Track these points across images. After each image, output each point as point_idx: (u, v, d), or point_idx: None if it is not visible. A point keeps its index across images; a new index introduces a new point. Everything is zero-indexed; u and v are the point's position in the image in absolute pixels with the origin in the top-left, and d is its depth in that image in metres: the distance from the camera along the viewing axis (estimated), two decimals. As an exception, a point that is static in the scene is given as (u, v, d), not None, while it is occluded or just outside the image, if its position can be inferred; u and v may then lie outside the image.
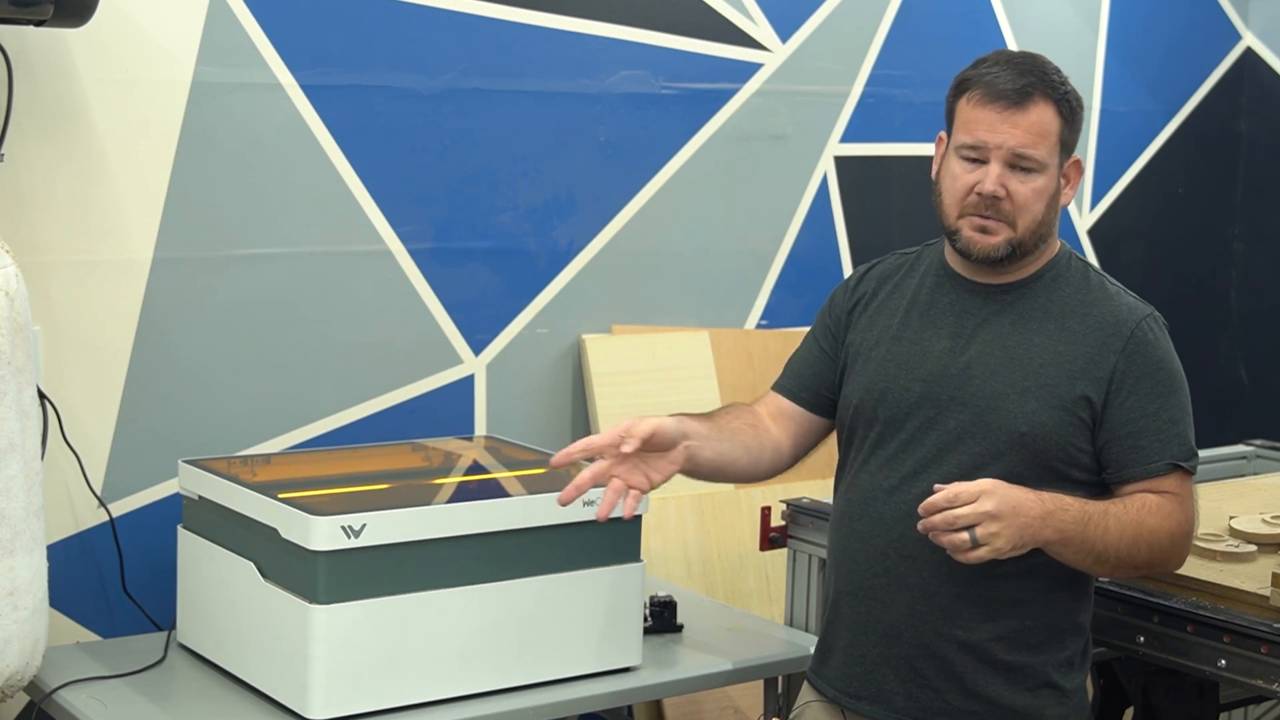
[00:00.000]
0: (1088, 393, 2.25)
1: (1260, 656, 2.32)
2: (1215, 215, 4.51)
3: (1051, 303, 2.32)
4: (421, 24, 3.10)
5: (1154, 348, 2.29)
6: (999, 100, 2.24)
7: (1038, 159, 2.24)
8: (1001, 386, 2.26)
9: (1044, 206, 2.27)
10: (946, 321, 2.34)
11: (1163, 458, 2.25)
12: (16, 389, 2.31)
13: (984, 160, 2.25)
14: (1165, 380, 2.28)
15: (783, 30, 3.59)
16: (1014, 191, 2.24)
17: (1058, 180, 2.29)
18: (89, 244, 2.78)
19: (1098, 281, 2.36)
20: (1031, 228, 2.27)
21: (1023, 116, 2.23)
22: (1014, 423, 2.24)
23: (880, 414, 2.34)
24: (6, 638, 2.31)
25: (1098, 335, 2.28)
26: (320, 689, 2.38)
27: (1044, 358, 2.27)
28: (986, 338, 2.31)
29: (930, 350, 2.33)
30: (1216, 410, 4.52)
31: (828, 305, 2.52)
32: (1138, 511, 2.21)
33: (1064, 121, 2.26)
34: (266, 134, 2.95)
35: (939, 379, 2.30)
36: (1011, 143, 2.23)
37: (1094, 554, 2.18)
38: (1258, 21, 4.47)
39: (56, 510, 2.74)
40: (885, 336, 2.38)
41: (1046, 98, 2.24)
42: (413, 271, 3.14)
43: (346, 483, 2.71)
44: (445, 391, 3.20)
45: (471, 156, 3.20)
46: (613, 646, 2.63)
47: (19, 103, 2.68)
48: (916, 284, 2.41)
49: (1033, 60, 2.29)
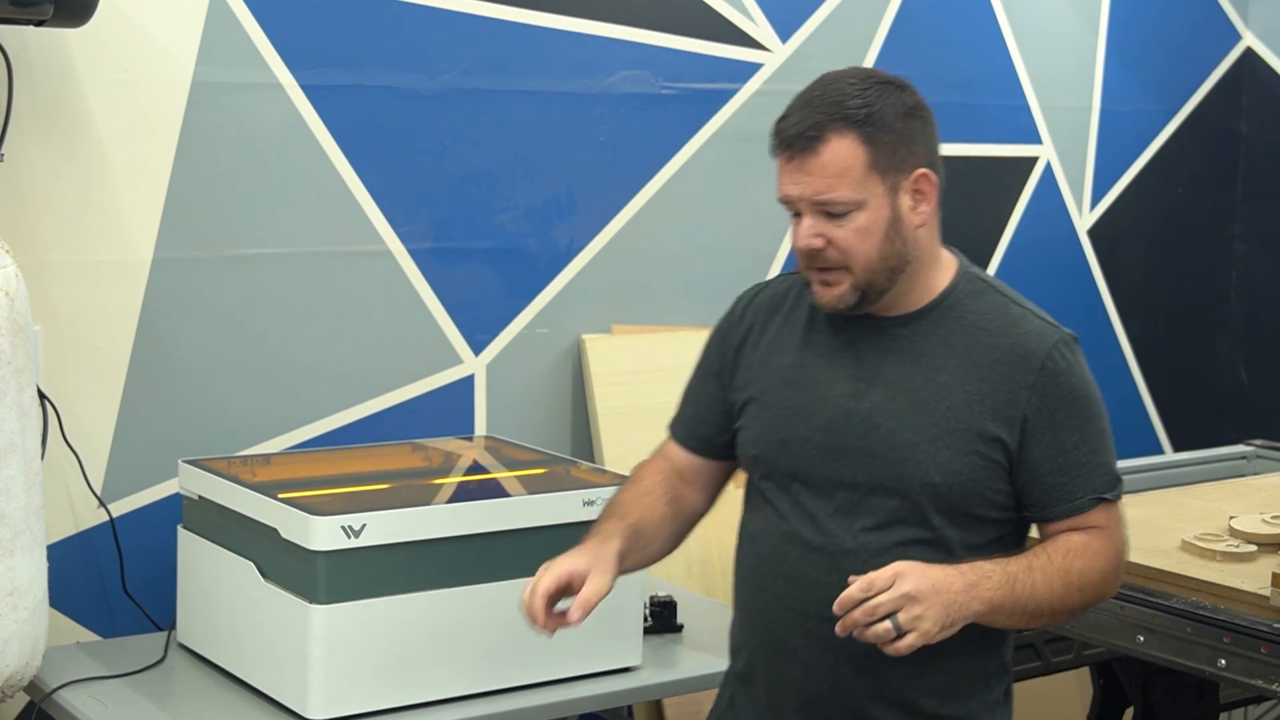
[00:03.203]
0: (1000, 434, 2.08)
1: (1260, 656, 2.33)
2: (1215, 215, 4.51)
3: (954, 335, 2.13)
4: (421, 24, 3.10)
5: (1067, 376, 2.11)
6: (788, 149, 2.08)
7: (842, 200, 2.05)
8: (910, 435, 2.08)
9: (876, 243, 2.06)
10: (844, 361, 2.15)
11: (1087, 493, 2.12)
12: (16, 389, 2.31)
13: (800, 212, 2.09)
14: (1081, 409, 2.12)
15: (783, 30, 3.59)
16: (834, 237, 2.06)
17: (890, 208, 2.07)
18: (89, 244, 2.78)
19: (1001, 305, 2.16)
20: (871, 267, 2.07)
21: (814, 160, 2.05)
22: (926, 474, 2.07)
23: (782, 466, 2.16)
24: (6, 638, 2.31)
25: (1006, 370, 2.10)
26: (320, 689, 2.38)
27: (951, 399, 2.09)
28: (889, 380, 2.12)
29: (830, 395, 2.14)
30: (1216, 410, 4.52)
31: (714, 340, 2.31)
32: (1063, 558, 2.09)
33: (870, 146, 2.05)
34: (266, 134, 2.95)
35: (842, 428, 2.12)
36: (808, 192, 2.06)
37: (1027, 613, 2.07)
38: (1258, 21, 4.47)
39: (56, 510, 2.74)
40: (779, 379, 2.19)
41: (841, 131, 2.04)
42: (413, 271, 3.14)
43: (346, 483, 2.71)
44: (445, 391, 3.20)
45: (471, 156, 3.20)
46: (613, 646, 2.63)
47: (19, 103, 2.68)
48: (807, 318, 2.21)
49: (826, 90, 2.09)
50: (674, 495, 2.28)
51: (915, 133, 2.12)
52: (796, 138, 2.07)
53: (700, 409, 2.30)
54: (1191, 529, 2.77)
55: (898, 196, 2.09)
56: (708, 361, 2.31)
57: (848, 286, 2.09)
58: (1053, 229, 4.16)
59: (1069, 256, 4.21)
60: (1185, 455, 3.62)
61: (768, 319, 2.25)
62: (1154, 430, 4.44)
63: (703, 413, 2.29)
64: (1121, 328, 4.34)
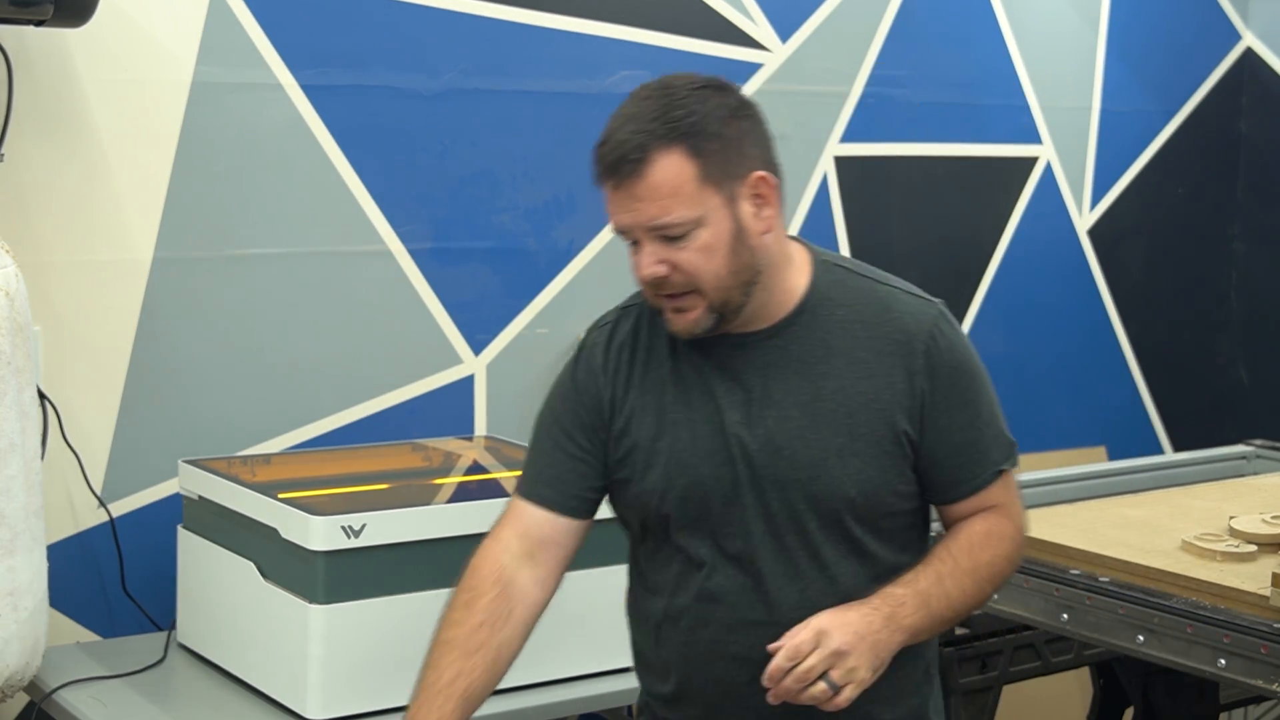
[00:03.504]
0: (903, 427, 2.00)
1: (1260, 656, 2.33)
2: (1215, 215, 4.51)
3: (830, 335, 2.02)
4: (421, 24, 3.10)
5: (951, 353, 2.03)
6: (613, 175, 1.91)
7: (679, 221, 1.90)
8: (815, 453, 1.98)
9: (723, 259, 1.92)
10: (725, 388, 2.01)
11: (985, 469, 2.06)
12: (16, 389, 2.31)
13: (636, 240, 1.94)
14: (969, 383, 2.05)
15: (783, 30, 3.59)
16: (677, 261, 1.91)
17: (732, 219, 1.92)
18: (89, 244, 2.78)
19: (868, 290, 2.06)
20: (725, 284, 1.94)
21: (640, 184, 1.89)
22: (841, 488, 1.98)
23: (688, 513, 2.01)
24: (6, 638, 2.31)
25: (892, 359, 2.01)
26: (319, 689, 2.38)
27: (848, 404, 1.99)
28: (777, 398, 2.00)
29: (721, 427, 2.00)
30: (1216, 410, 4.53)
31: (570, 397, 2.10)
32: (969, 556, 2.04)
33: (699, 157, 1.89)
34: (266, 134, 2.95)
35: (743, 460, 1.99)
36: (642, 219, 1.90)
37: (946, 621, 2.04)
38: (1258, 21, 4.47)
39: (56, 510, 2.74)
40: (662, 421, 2.03)
41: (664, 146, 1.88)
42: (413, 271, 3.14)
43: (346, 483, 2.71)
44: (445, 391, 3.20)
45: (471, 156, 3.20)
46: (613, 646, 2.62)
47: (19, 103, 2.68)
48: (669, 349, 2.05)
49: (642, 106, 1.93)
50: (510, 613, 2.03)
51: (745, 135, 1.95)
52: (619, 163, 1.90)
53: (568, 467, 2.07)
54: (1191, 529, 2.77)
55: (737, 206, 1.93)
56: (568, 415, 2.09)
57: (702, 310, 1.95)
58: (1053, 229, 4.16)
59: (1069, 256, 4.21)
60: (1185, 455, 3.62)
61: (631, 358, 2.08)
62: (1154, 430, 4.44)
63: (572, 469, 2.07)
64: (1121, 328, 4.34)
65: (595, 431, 2.08)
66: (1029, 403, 4.12)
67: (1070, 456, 4.16)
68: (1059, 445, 4.18)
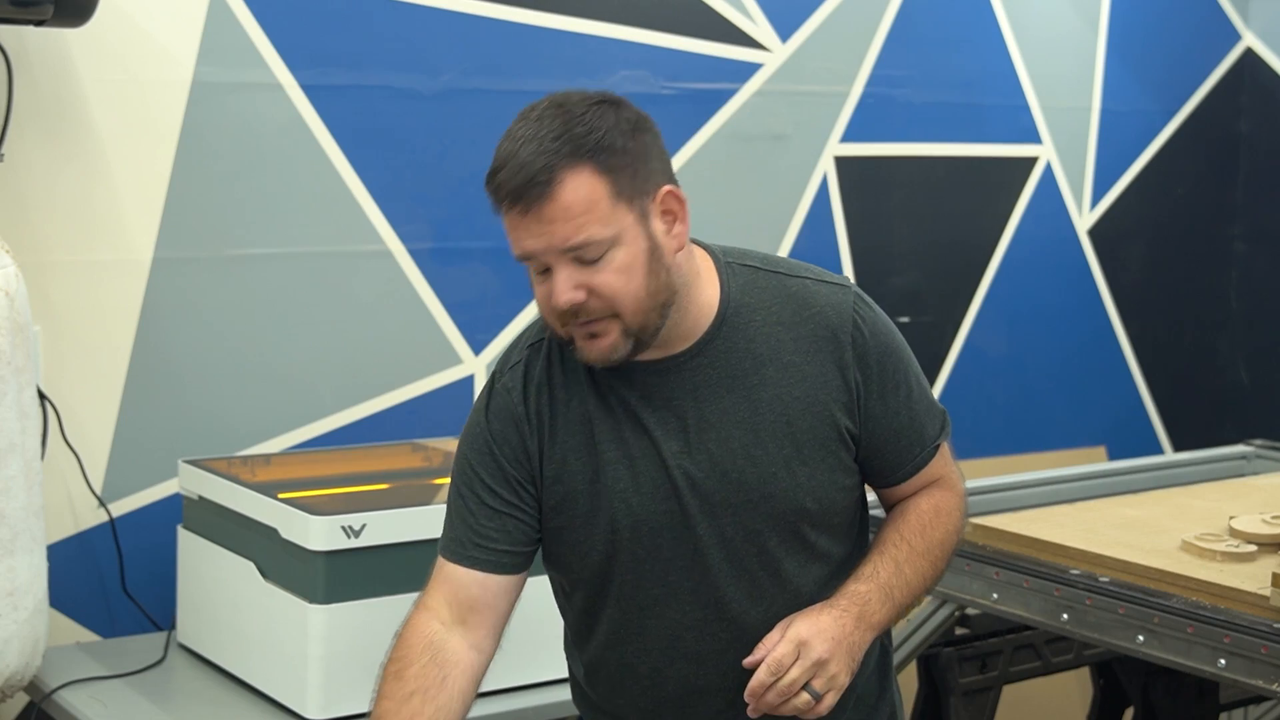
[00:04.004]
0: (843, 423, 1.96)
1: (1260, 656, 2.32)
2: (1215, 215, 4.51)
3: (753, 343, 1.94)
4: (421, 24, 3.10)
5: (875, 336, 1.98)
6: (519, 200, 1.80)
7: (596, 240, 1.81)
8: (763, 469, 1.92)
9: (641, 279, 1.84)
10: (656, 419, 1.92)
11: (925, 445, 2.03)
12: (16, 389, 2.31)
13: (547, 267, 1.85)
14: (897, 363, 2.00)
15: (783, 30, 3.59)
16: (595, 285, 1.82)
17: (646, 237, 1.85)
18: (89, 244, 2.78)
19: (778, 285, 1.99)
20: (642, 307, 1.85)
21: (551, 206, 1.79)
22: (795, 499, 1.93)
23: (637, 554, 1.93)
24: (6, 638, 2.31)
25: (820, 355, 1.95)
26: (319, 689, 2.38)
27: (786, 412, 1.93)
28: (712, 420, 1.92)
29: (659, 460, 1.91)
30: (1216, 410, 4.53)
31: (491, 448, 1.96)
32: (922, 538, 2.02)
33: (609, 174, 1.81)
34: (266, 134, 2.95)
35: (691, 489, 1.91)
36: (556, 242, 1.81)
37: (908, 608, 2.02)
38: (1258, 21, 4.47)
39: (56, 510, 2.74)
40: (593, 462, 1.93)
41: (571, 164, 1.79)
42: (413, 271, 3.14)
43: (346, 483, 2.71)
44: (445, 391, 3.20)
45: (471, 156, 3.19)
46: (613, 646, 2.63)
47: (19, 103, 2.68)
48: (586, 382, 1.95)
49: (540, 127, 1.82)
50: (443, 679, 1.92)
51: (648, 149, 1.87)
52: (525, 186, 1.79)
53: (494, 524, 1.95)
54: (1191, 529, 2.76)
55: (650, 223, 1.86)
56: (489, 468, 1.96)
57: (618, 334, 1.85)
58: (1053, 229, 4.16)
59: (1069, 256, 4.21)
60: (1185, 455, 3.62)
61: (550, 399, 1.96)
62: (1154, 430, 4.44)
63: (498, 526, 1.95)
64: (1121, 328, 4.34)
65: (520, 484, 1.96)
66: (1029, 403, 4.12)
67: (1070, 456, 4.16)
68: (1059, 445, 4.18)
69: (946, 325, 3.97)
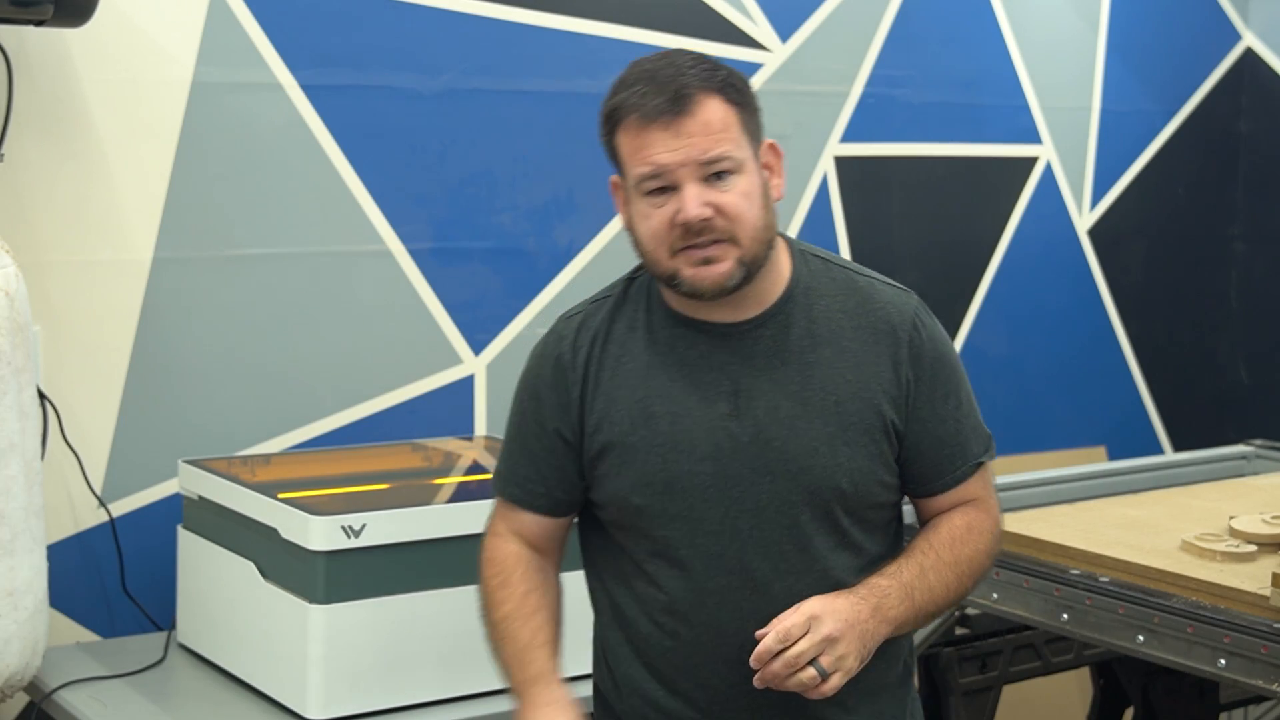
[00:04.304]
0: (890, 415, 2.00)
1: (1260, 656, 2.33)
2: (1215, 215, 4.51)
3: (814, 324, 2.00)
4: (421, 24, 3.10)
5: (932, 343, 2.04)
6: (661, 114, 1.89)
7: (730, 157, 1.90)
8: (806, 442, 1.96)
9: (760, 208, 1.93)
10: (707, 380, 1.98)
11: (967, 460, 2.06)
12: (16, 389, 2.31)
13: (673, 186, 1.90)
14: (950, 374, 2.05)
15: (783, 30, 3.59)
16: (721, 204, 1.89)
17: (759, 174, 1.95)
18: (89, 244, 2.78)
19: (846, 280, 2.05)
20: (757, 236, 1.93)
21: (692, 121, 1.89)
22: (832, 478, 1.96)
23: (671, 509, 1.97)
24: (6, 638, 2.31)
25: (878, 347, 2.01)
26: (319, 689, 2.38)
27: (836, 392, 1.97)
28: (764, 388, 1.97)
29: (706, 420, 1.96)
30: (1216, 410, 4.53)
31: (540, 391, 2.06)
32: (951, 550, 2.03)
33: (737, 107, 1.93)
34: (266, 134, 2.95)
35: (731, 452, 1.96)
36: (695, 154, 1.89)
37: (928, 615, 2.03)
38: (1258, 21, 4.47)
39: (56, 510, 2.74)
40: (638, 415, 1.99)
41: (708, 90, 1.90)
42: (413, 271, 3.14)
43: (346, 483, 2.71)
44: (445, 391, 3.20)
45: (471, 156, 3.20)
46: (613, 646, 2.63)
47: (19, 103, 2.68)
48: (645, 339, 2.02)
49: (672, 59, 1.94)
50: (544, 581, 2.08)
51: (755, 102, 1.99)
52: (669, 101, 1.88)
53: (544, 467, 2.06)
54: (1191, 529, 2.77)
55: (759, 165, 1.96)
56: (540, 414, 2.06)
57: (733, 261, 1.92)
58: (1053, 229, 4.16)
59: (1069, 256, 4.21)
60: (1185, 455, 3.62)
61: (603, 351, 2.03)
62: (1154, 430, 4.44)
63: (551, 470, 2.05)
64: (1121, 328, 4.34)
65: (559, 434, 2.04)
66: (1029, 403, 4.12)
67: (1070, 456, 4.16)
68: (1059, 445, 4.18)
69: (946, 325, 3.89)
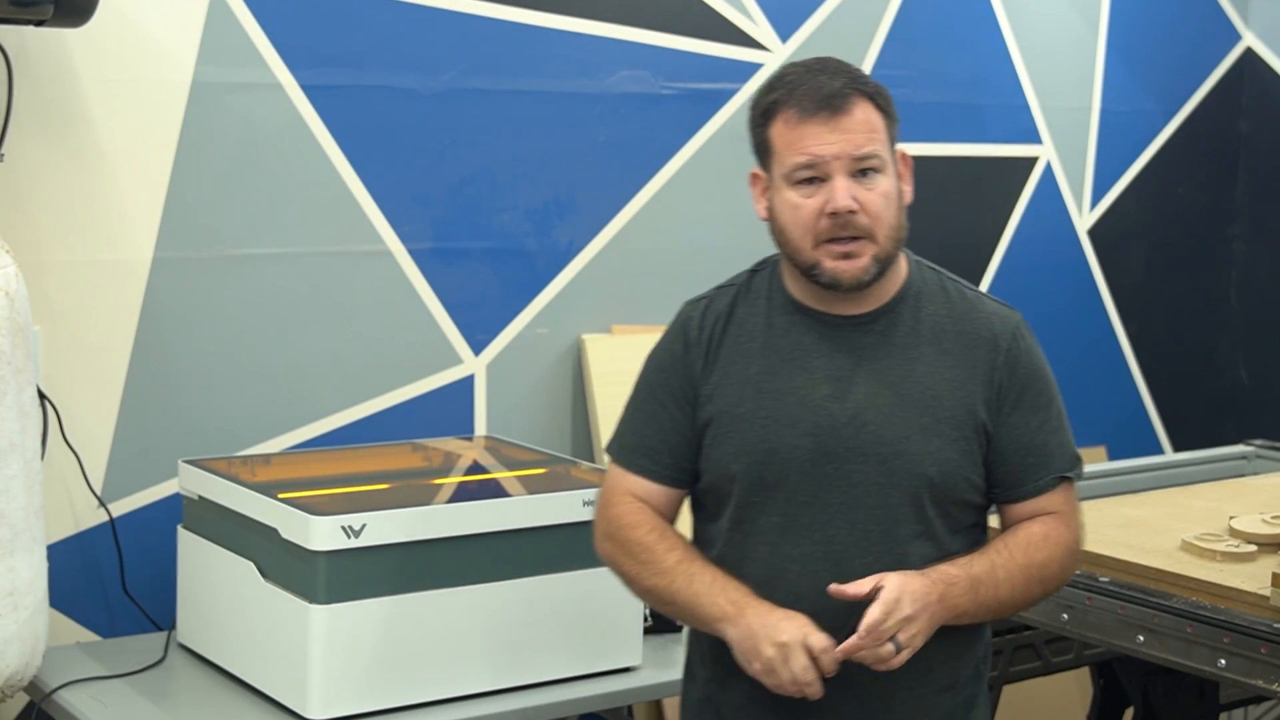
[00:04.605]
0: (982, 417, 2.12)
1: (1260, 656, 2.33)
2: (1215, 215, 4.51)
3: (920, 324, 2.15)
4: (421, 24, 3.10)
5: (1030, 356, 2.17)
6: (821, 110, 2.07)
7: (879, 156, 2.07)
8: (900, 429, 2.09)
9: (895, 211, 2.10)
10: (817, 364, 2.13)
11: (1049, 473, 2.15)
12: (16, 389, 2.31)
13: (823, 177, 2.06)
14: (1043, 389, 2.18)
15: (783, 30, 3.59)
16: (865, 201, 2.06)
17: (895, 179, 2.12)
18: (89, 244, 2.78)
19: (956, 290, 2.20)
20: (892, 236, 2.10)
21: (848, 119, 2.06)
22: (922, 466, 2.09)
23: (768, 478, 2.10)
24: (6, 638, 2.31)
25: (976, 353, 2.14)
26: (320, 689, 2.38)
27: (934, 388, 2.11)
28: (867, 376, 2.12)
29: (809, 399, 2.10)
30: (1216, 410, 4.52)
31: (665, 364, 2.21)
32: (1024, 553, 2.12)
33: (883, 115, 2.11)
34: (266, 134, 2.95)
35: (829, 431, 2.09)
36: (849, 149, 2.05)
37: (989, 612, 2.11)
38: (1258, 21, 4.47)
39: (56, 510, 2.74)
40: (748, 390, 2.14)
41: (862, 95, 2.09)
42: (413, 271, 3.14)
43: (346, 483, 2.71)
44: (445, 391, 3.20)
45: (471, 156, 3.20)
46: (613, 646, 2.63)
47: (19, 103, 2.68)
48: (764, 324, 2.18)
49: (833, 63, 2.13)
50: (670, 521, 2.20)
51: (896, 115, 2.15)
52: (832, 98, 2.07)
53: (665, 439, 2.18)
54: (1191, 529, 2.77)
55: (896, 170, 2.12)
56: (665, 386, 2.19)
57: (869, 258, 2.08)
58: (1053, 229, 4.16)
59: (1069, 256, 4.21)
60: (1185, 455, 3.62)
61: (722, 331, 2.18)
62: (1154, 430, 4.44)
63: (670, 442, 2.18)
64: (1121, 328, 4.34)
65: (686, 398, 2.17)
66: (1029, 403, 4.12)
67: (1070, 456, 4.15)
68: (1059, 445, 4.17)
69: (946, 325, 3.96)
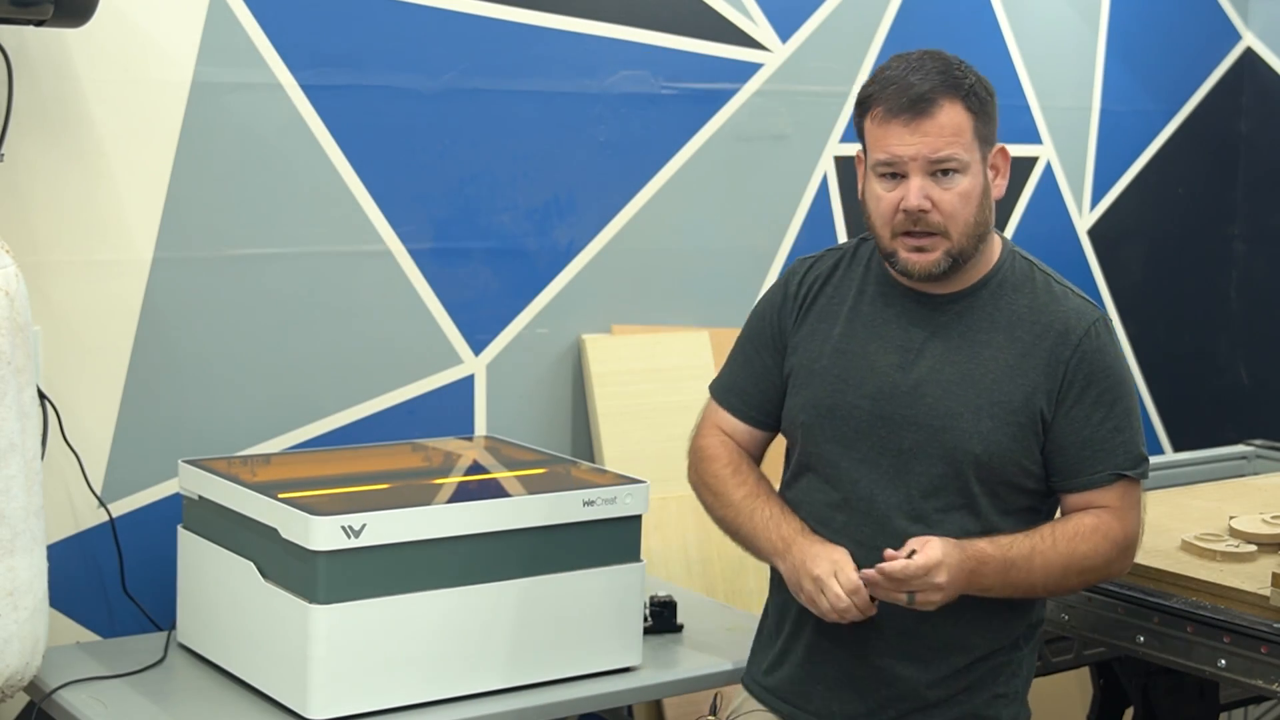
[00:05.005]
0: (1040, 406, 2.21)
1: (1260, 656, 2.33)
2: (1215, 215, 4.51)
3: (998, 311, 2.26)
4: (421, 24, 3.10)
5: (1102, 354, 2.24)
6: (904, 112, 2.16)
7: (957, 159, 2.17)
8: (955, 405, 2.21)
9: (974, 209, 2.20)
10: (892, 334, 2.28)
11: (1105, 468, 2.21)
12: (16, 389, 2.31)
13: (902, 175, 2.18)
14: (1112, 387, 2.23)
15: (783, 30, 3.59)
16: (939, 200, 2.17)
17: (984, 176, 2.22)
18: (89, 244, 2.78)
19: (1044, 282, 2.30)
20: (967, 233, 2.20)
21: (930, 122, 2.16)
22: (969, 443, 2.20)
23: (828, 432, 2.28)
24: (6, 638, 2.31)
25: (1047, 344, 2.23)
26: (320, 689, 2.38)
27: (996, 372, 2.22)
28: (935, 352, 2.25)
29: (877, 365, 2.27)
30: (1216, 410, 4.52)
31: (766, 313, 2.43)
32: (1068, 542, 2.18)
33: (974, 115, 2.19)
34: (266, 134, 2.95)
35: (889, 396, 2.24)
36: (925, 151, 2.16)
37: (1019, 592, 2.20)
38: (1258, 21, 4.47)
39: (56, 510, 2.74)
40: (827, 348, 2.31)
41: (951, 96, 2.17)
42: (413, 271, 3.14)
43: (346, 483, 2.71)
44: (445, 391, 3.20)
45: (471, 156, 3.20)
46: (613, 646, 2.63)
47: (19, 103, 2.68)
48: (856, 290, 2.34)
49: (931, 60, 2.21)
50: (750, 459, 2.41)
51: (996, 109, 2.26)
52: (916, 101, 2.14)
53: (757, 382, 2.39)
54: (1191, 529, 2.77)
55: (986, 167, 2.22)
56: (761, 333, 2.40)
57: (941, 253, 2.18)
58: (1053, 229, 4.16)
59: (1069, 256, 4.21)
60: (1185, 455, 3.62)
61: (819, 290, 2.35)
62: (1154, 430, 4.44)
63: (760, 386, 2.39)
64: (1121, 328, 4.34)
65: (777, 350, 2.37)
66: (1029, 403, 4.12)
67: (1070, 456, 4.15)
68: (1059, 445, 4.17)
69: (946, 325, 3.96)
